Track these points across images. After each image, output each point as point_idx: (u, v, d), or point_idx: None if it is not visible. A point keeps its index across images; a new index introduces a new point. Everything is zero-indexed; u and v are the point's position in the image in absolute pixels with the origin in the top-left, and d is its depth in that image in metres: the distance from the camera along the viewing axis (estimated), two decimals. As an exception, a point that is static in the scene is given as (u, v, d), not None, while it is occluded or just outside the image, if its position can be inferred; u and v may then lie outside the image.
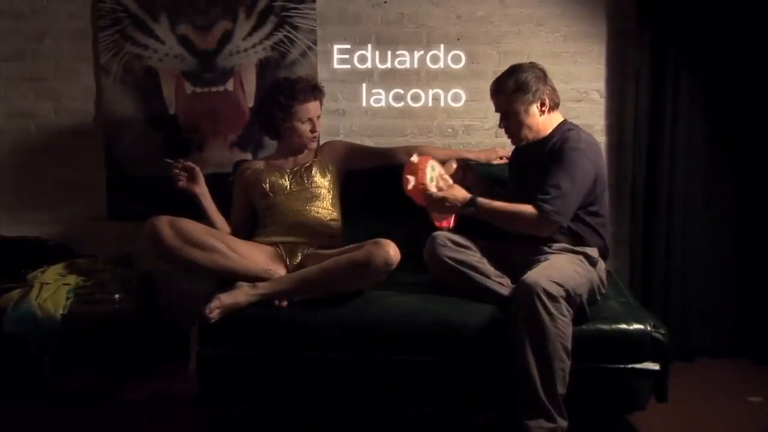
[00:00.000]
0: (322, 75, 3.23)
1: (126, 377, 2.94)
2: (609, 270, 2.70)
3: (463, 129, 3.31)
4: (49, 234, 3.32)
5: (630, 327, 2.33)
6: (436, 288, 2.58)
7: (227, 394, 2.52)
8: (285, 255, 2.70)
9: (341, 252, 2.55)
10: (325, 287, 2.48)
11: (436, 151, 2.88)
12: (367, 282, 2.50)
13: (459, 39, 3.25)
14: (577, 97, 3.25)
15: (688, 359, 3.16)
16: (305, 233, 2.76)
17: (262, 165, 2.91)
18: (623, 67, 3.23)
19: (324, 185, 2.86)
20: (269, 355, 2.43)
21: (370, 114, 3.32)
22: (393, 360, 2.39)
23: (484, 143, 3.28)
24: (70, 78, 3.32)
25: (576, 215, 2.50)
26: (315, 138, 2.88)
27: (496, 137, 3.24)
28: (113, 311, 2.93)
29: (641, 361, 2.33)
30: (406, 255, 2.46)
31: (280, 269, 2.62)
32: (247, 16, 3.23)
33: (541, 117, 2.56)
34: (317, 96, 2.84)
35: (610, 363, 2.33)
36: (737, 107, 3.13)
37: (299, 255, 2.69)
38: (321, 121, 2.93)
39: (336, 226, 2.85)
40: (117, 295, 2.96)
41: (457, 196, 2.49)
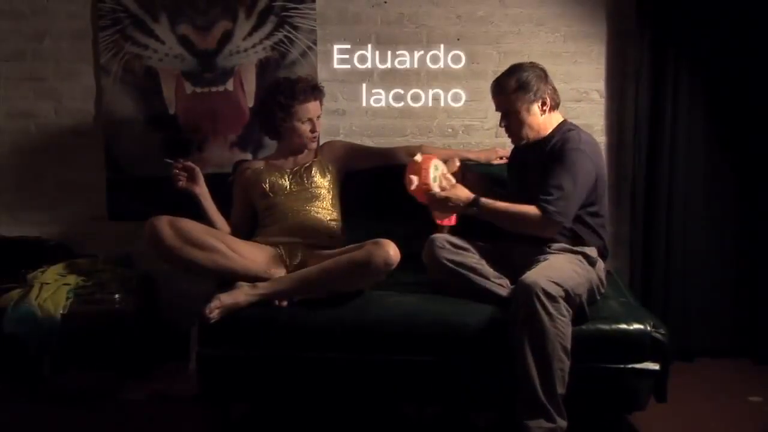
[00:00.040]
0: (322, 75, 3.23)
1: (126, 377, 2.94)
2: (609, 270, 2.70)
3: (463, 129, 3.31)
4: (49, 234, 3.32)
5: (630, 327, 2.33)
6: (435, 288, 2.58)
7: (227, 394, 2.52)
8: (285, 255, 2.69)
9: (341, 252, 2.55)
10: (325, 287, 2.48)
11: (435, 151, 2.87)
12: (367, 282, 2.50)
13: (459, 39, 3.25)
14: (577, 97, 3.25)
15: (688, 359, 3.16)
16: (305, 233, 2.76)
17: (262, 165, 2.91)
18: (623, 67, 3.23)
19: (324, 185, 2.86)
20: (269, 355, 2.43)
21: (370, 114, 3.32)
22: (393, 360, 2.39)
23: (484, 143, 3.28)
24: (70, 78, 3.32)
25: (576, 215, 2.50)
26: (315, 138, 2.88)
27: (496, 137, 3.24)
28: (113, 311, 2.93)
29: (641, 361, 2.33)
30: (406, 255, 2.46)
31: (280, 269, 2.62)
32: (247, 16, 3.23)
33: (542, 117, 2.56)
34: (317, 96, 2.84)
35: (610, 363, 2.33)
36: (737, 107, 3.13)
37: (299, 255, 2.69)
38: (321, 121, 2.92)
39: (336, 226, 2.85)
40: (117, 295, 2.96)
41: (461, 196, 2.49)
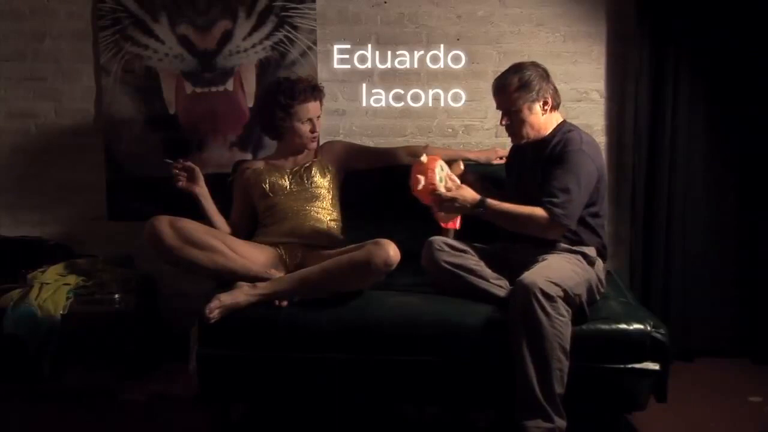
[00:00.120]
0: (322, 75, 3.23)
1: (126, 377, 2.94)
2: (609, 270, 2.70)
3: (463, 129, 3.31)
4: (49, 234, 3.33)
5: (630, 327, 2.33)
6: (435, 289, 2.58)
7: (227, 394, 2.52)
8: (285, 255, 2.70)
9: (341, 252, 2.55)
10: (325, 287, 2.48)
11: (437, 151, 2.87)
12: (367, 282, 2.50)
13: (459, 39, 3.25)
14: (577, 97, 3.25)
15: (688, 359, 3.16)
16: (305, 233, 2.75)
17: (262, 165, 2.91)
18: (623, 67, 3.23)
19: (324, 185, 2.86)
20: (269, 356, 2.43)
21: (370, 114, 3.32)
22: (393, 360, 2.38)
23: (484, 143, 3.28)
24: (70, 78, 3.32)
25: (577, 216, 2.50)
26: (315, 138, 2.88)
27: (496, 137, 3.24)
28: (113, 311, 2.93)
29: (641, 361, 2.33)
30: (406, 255, 2.46)
31: (280, 269, 2.62)
32: (247, 16, 3.23)
33: (543, 116, 2.55)
34: (317, 96, 2.84)
35: (610, 363, 2.33)
36: (737, 107, 3.13)
37: (299, 255, 2.69)
38: (321, 121, 2.92)
39: (336, 226, 2.85)
40: (117, 295, 2.96)
41: (467, 196, 2.47)
